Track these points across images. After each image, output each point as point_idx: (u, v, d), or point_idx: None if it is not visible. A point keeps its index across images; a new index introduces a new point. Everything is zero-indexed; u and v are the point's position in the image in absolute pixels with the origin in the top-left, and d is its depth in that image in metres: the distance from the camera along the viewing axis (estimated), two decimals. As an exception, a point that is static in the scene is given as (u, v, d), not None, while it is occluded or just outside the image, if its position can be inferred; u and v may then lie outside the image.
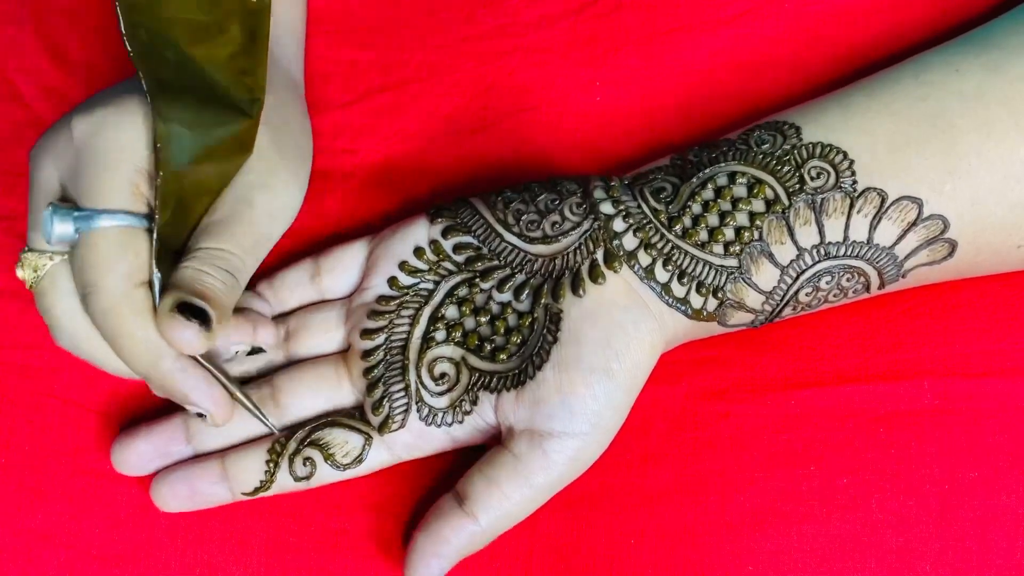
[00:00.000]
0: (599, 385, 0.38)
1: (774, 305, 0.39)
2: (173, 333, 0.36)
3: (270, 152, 0.40)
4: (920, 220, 0.38)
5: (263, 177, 0.40)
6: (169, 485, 0.41)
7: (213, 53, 0.39)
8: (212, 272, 0.37)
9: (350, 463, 0.41)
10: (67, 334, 0.39)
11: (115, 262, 0.37)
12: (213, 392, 0.39)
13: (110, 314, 0.37)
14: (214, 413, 0.39)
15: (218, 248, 0.38)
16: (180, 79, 0.38)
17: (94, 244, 0.37)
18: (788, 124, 0.40)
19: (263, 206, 0.40)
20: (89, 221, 0.37)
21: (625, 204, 0.40)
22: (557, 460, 0.38)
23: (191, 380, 0.38)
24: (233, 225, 0.39)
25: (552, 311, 0.39)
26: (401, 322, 0.41)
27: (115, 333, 0.37)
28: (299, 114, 0.45)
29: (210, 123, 0.38)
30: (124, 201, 0.37)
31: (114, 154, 0.37)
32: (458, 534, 0.38)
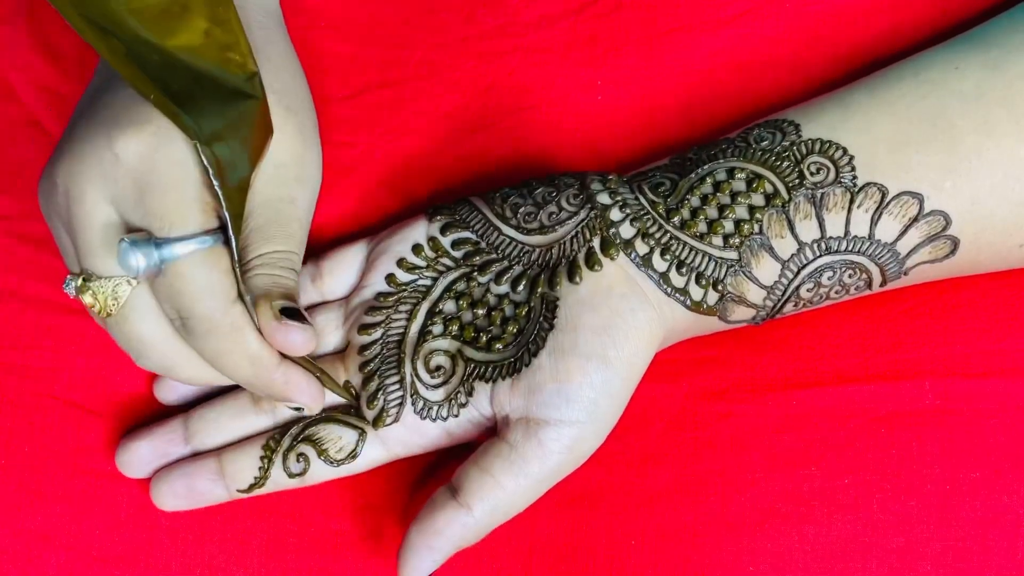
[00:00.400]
0: (596, 372, 0.38)
1: (775, 300, 0.39)
2: (288, 338, 0.37)
3: (295, 139, 0.40)
4: (921, 216, 0.38)
5: (295, 170, 0.40)
6: (167, 483, 0.41)
7: (189, 40, 0.37)
8: (284, 274, 0.38)
9: (344, 459, 0.40)
10: (156, 356, 0.39)
11: (208, 285, 0.36)
12: (311, 388, 0.39)
13: (212, 336, 0.37)
14: (311, 405, 0.40)
15: (279, 250, 0.38)
16: (181, 82, 0.37)
17: (183, 273, 0.36)
18: (787, 122, 0.40)
19: (304, 200, 0.40)
20: (172, 250, 0.36)
21: (622, 195, 0.40)
22: (553, 449, 0.38)
23: (293, 381, 0.39)
24: (283, 225, 0.39)
25: (548, 299, 0.39)
26: (398, 317, 0.41)
27: (219, 352, 0.37)
28: (291, 58, 0.43)
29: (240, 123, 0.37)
30: (198, 222, 0.36)
31: (175, 174, 0.36)
32: (451, 525, 0.38)
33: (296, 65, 0.43)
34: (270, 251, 0.38)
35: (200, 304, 0.36)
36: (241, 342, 0.37)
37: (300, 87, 0.43)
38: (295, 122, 0.40)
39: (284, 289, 0.38)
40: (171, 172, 0.36)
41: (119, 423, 0.44)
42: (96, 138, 0.37)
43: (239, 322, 0.37)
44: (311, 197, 0.41)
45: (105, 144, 0.37)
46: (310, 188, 0.41)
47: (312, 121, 0.42)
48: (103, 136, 0.37)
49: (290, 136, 0.40)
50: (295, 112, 0.41)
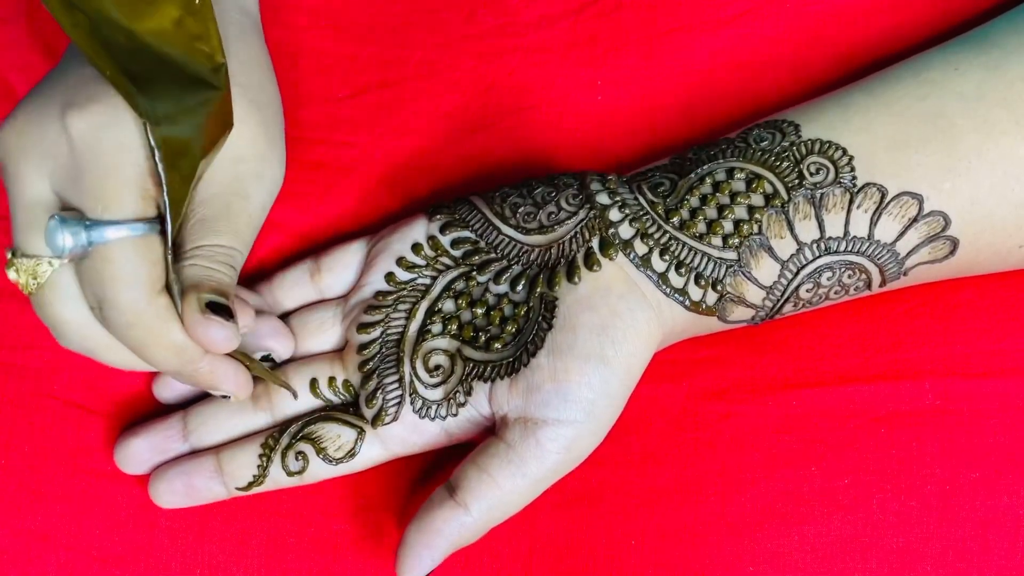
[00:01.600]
0: (594, 372, 0.38)
1: (774, 300, 0.39)
2: (208, 334, 0.36)
3: (258, 134, 0.40)
4: (921, 216, 0.38)
5: (254, 166, 0.39)
6: (166, 481, 0.41)
7: (159, 24, 0.36)
8: (220, 268, 0.37)
9: (342, 457, 0.40)
10: (76, 339, 0.38)
11: (134, 274, 0.35)
12: (239, 377, 0.39)
13: (134, 327, 0.36)
14: (238, 394, 0.39)
15: (221, 245, 0.38)
16: (143, 64, 0.36)
17: (109, 258, 0.35)
18: (787, 122, 0.40)
19: (258, 197, 0.39)
20: (102, 233, 0.35)
21: (622, 195, 0.40)
22: (550, 449, 0.38)
23: (219, 370, 0.38)
24: (231, 220, 0.38)
25: (547, 299, 0.39)
26: (397, 316, 0.41)
27: (141, 343, 0.36)
28: (263, 58, 0.43)
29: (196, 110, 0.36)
30: (134, 208, 0.35)
31: (119, 156, 0.35)
32: (449, 525, 0.38)
33: (267, 65, 0.43)
34: (212, 244, 0.37)
35: (122, 293, 0.35)
36: (164, 334, 0.36)
37: (269, 86, 0.42)
38: (259, 118, 0.40)
39: (217, 284, 0.37)
40: (115, 153, 0.35)
41: (118, 422, 0.44)
42: (45, 112, 0.36)
43: (163, 314, 0.36)
44: (267, 196, 0.40)
45: (54, 118, 0.36)
46: (267, 187, 0.40)
47: (278, 121, 0.42)
48: (53, 110, 0.36)
49: (253, 131, 0.39)
50: (260, 108, 0.40)
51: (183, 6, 0.36)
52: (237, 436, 0.42)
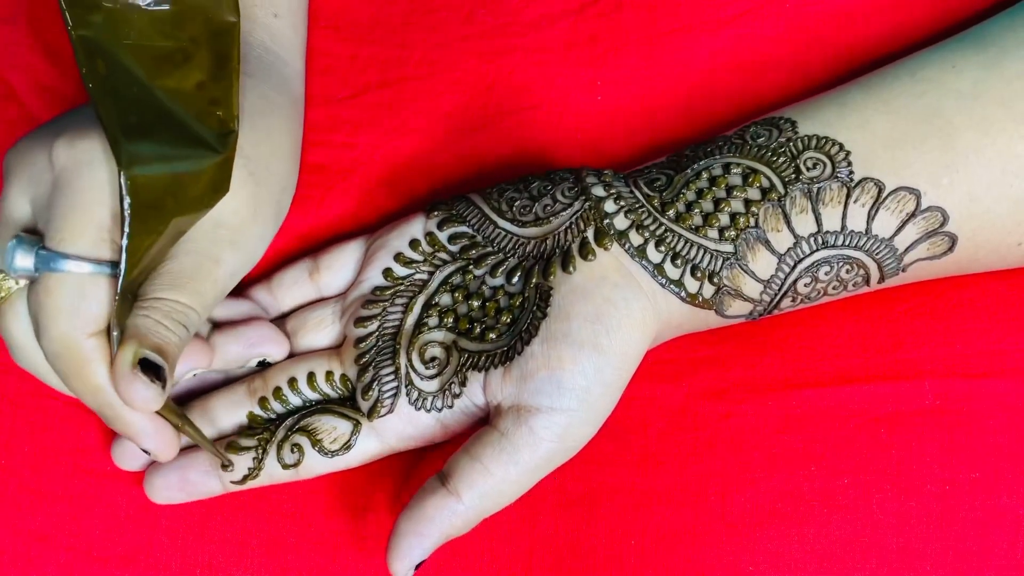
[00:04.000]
0: (588, 360, 0.38)
1: (772, 295, 0.39)
2: (130, 391, 0.35)
3: (245, 207, 0.39)
4: (919, 211, 0.38)
5: (234, 234, 0.39)
6: (161, 475, 0.41)
7: (179, 84, 0.37)
8: (171, 326, 0.36)
9: (338, 449, 0.40)
10: (23, 359, 0.39)
11: (68, 310, 0.35)
12: (161, 435, 0.38)
13: (60, 359, 0.36)
14: (159, 454, 0.38)
15: (178, 302, 0.37)
16: (145, 116, 0.36)
17: (51, 288, 0.36)
18: (784, 119, 0.40)
19: (228, 265, 0.39)
20: (50, 263, 0.35)
21: (617, 188, 0.40)
22: (543, 437, 0.37)
23: (138, 425, 0.37)
24: (197, 281, 0.38)
25: (543, 288, 0.39)
26: (395, 310, 0.41)
27: (65, 375, 0.36)
28: (283, 139, 0.43)
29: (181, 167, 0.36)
30: (90, 247, 0.36)
31: (90, 194, 0.36)
32: (440, 513, 0.37)
33: (287, 146, 0.43)
34: (169, 299, 0.37)
35: (55, 325, 0.35)
36: (88, 374, 0.36)
37: (280, 165, 0.42)
38: (252, 191, 0.39)
39: (160, 341, 0.36)
40: (87, 191, 0.36)
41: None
42: (43, 140, 0.37)
43: (89, 354, 0.36)
44: (239, 267, 0.39)
45: (45, 146, 0.37)
46: (242, 258, 0.39)
47: (276, 200, 0.41)
48: (48, 138, 0.37)
49: (241, 201, 0.39)
50: (258, 182, 0.40)
51: (209, 73, 0.37)
52: (234, 430, 0.42)
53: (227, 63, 0.38)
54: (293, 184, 0.44)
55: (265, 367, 0.42)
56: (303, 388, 0.42)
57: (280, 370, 0.42)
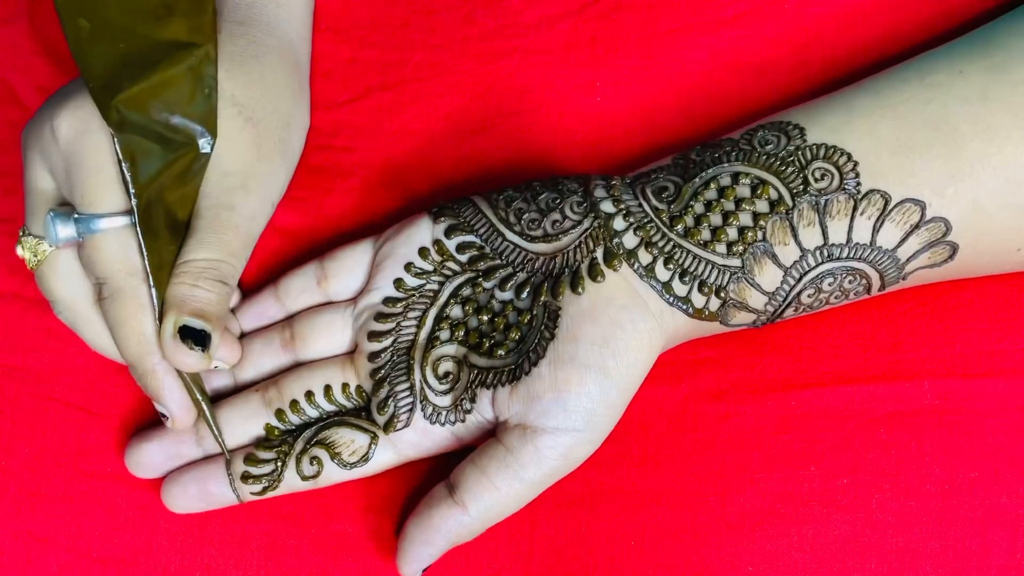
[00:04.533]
0: (594, 383, 0.38)
1: (776, 306, 0.39)
2: (177, 358, 0.39)
3: (248, 152, 0.41)
4: (923, 223, 0.38)
5: (241, 179, 0.41)
6: (180, 486, 0.41)
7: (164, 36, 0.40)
8: (206, 286, 0.40)
9: (356, 462, 0.41)
10: (67, 313, 0.42)
11: (121, 259, 0.39)
12: (182, 399, 0.41)
13: (115, 304, 0.39)
14: (177, 418, 0.41)
15: (207, 258, 0.40)
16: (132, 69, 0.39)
17: (99, 246, 0.39)
18: (792, 125, 0.40)
19: (244, 209, 0.41)
20: (89, 225, 0.39)
21: (626, 203, 0.40)
22: (548, 456, 0.38)
23: (168, 382, 0.40)
24: (218, 231, 0.40)
25: (551, 308, 0.39)
26: (408, 324, 0.41)
27: (117, 322, 0.39)
28: (280, 79, 0.44)
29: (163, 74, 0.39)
30: (116, 202, 0.39)
31: (99, 158, 0.39)
32: (447, 522, 0.39)
33: (285, 85, 0.44)
34: (198, 258, 0.40)
35: (112, 274, 0.39)
36: (138, 319, 0.39)
37: (282, 104, 0.44)
38: (252, 133, 0.42)
39: (199, 304, 0.39)
40: (95, 155, 0.39)
41: (120, 425, 0.44)
42: (46, 113, 0.40)
43: (143, 300, 0.39)
44: (257, 208, 0.42)
45: (47, 120, 0.40)
46: (257, 199, 0.42)
47: (280, 138, 0.43)
48: (48, 113, 0.40)
49: (242, 146, 0.41)
50: (256, 124, 0.42)
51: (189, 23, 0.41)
52: (250, 441, 0.42)
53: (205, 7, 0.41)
54: (301, 121, 0.45)
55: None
56: (320, 401, 0.42)
57: (295, 381, 0.42)
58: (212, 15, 0.41)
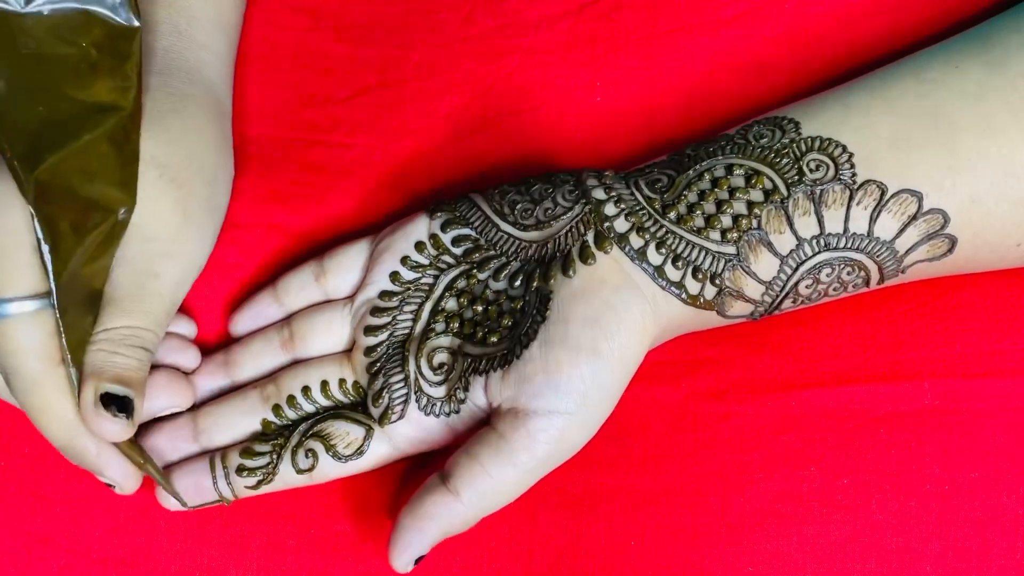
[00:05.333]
0: (586, 364, 0.38)
1: (773, 296, 0.39)
2: (99, 427, 0.37)
3: (172, 216, 0.40)
4: (920, 214, 0.38)
5: (166, 245, 0.40)
6: (175, 481, 0.41)
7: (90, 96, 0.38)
8: (126, 353, 0.38)
9: (351, 455, 0.41)
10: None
11: (31, 346, 0.37)
12: (124, 467, 0.39)
13: (30, 394, 0.38)
14: (123, 486, 0.40)
15: (128, 326, 0.39)
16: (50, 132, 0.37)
17: (6, 332, 0.37)
18: (787, 119, 0.40)
19: (169, 276, 0.40)
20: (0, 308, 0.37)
21: (617, 191, 0.40)
22: (541, 439, 0.38)
23: (104, 457, 0.39)
24: (141, 299, 0.39)
25: (543, 292, 0.39)
26: (404, 318, 0.41)
27: (36, 410, 0.38)
28: (213, 147, 0.43)
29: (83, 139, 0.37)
30: (28, 285, 0.38)
31: (9, 238, 0.38)
32: (440, 511, 0.38)
33: (210, 139, 0.43)
34: (119, 326, 0.38)
35: (22, 363, 0.38)
36: (57, 406, 0.38)
37: (207, 158, 0.42)
38: (176, 196, 0.40)
39: (119, 370, 0.38)
40: (5, 238, 0.38)
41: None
42: None
43: (61, 384, 0.38)
44: (182, 274, 0.40)
45: None
46: (182, 265, 0.40)
47: (207, 197, 0.42)
48: None
49: (165, 210, 0.40)
50: (180, 186, 0.40)
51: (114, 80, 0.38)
52: (247, 435, 0.42)
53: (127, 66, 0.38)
54: (226, 175, 0.44)
55: None
56: (317, 396, 0.42)
57: (293, 377, 0.42)
58: (137, 73, 0.38)
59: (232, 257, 0.45)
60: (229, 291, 0.45)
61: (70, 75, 0.37)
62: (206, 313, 0.45)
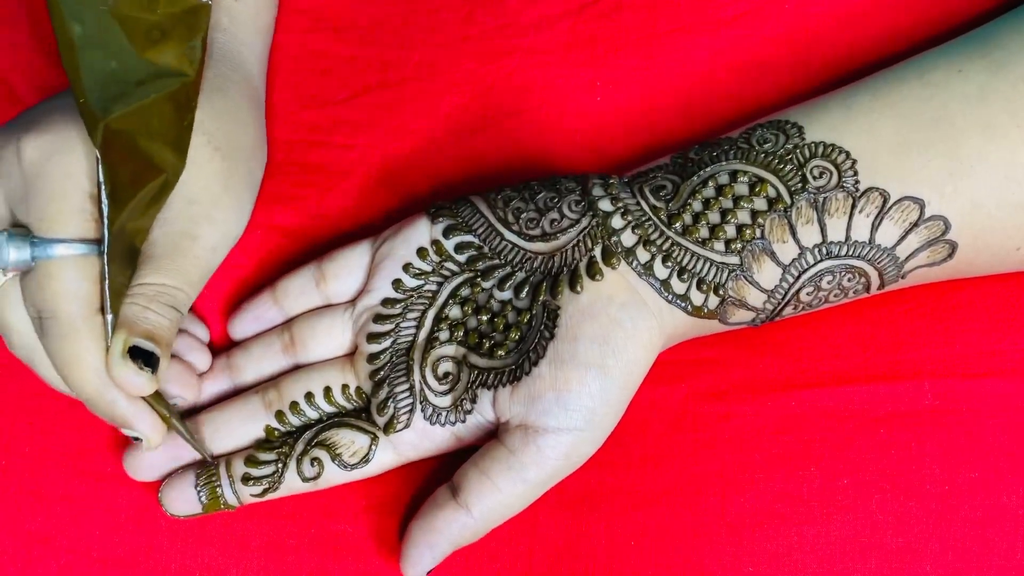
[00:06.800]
0: (594, 381, 0.38)
1: (775, 304, 0.39)
2: (124, 378, 0.37)
3: (215, 182, 0.41)
4: (922, 221, 0.38)
5: (207, 209, 0.40)
6: (178, 489, 0.41)
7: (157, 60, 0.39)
8: (158, 310, 0.38)
9: (357, 463, 0.41)
10: (19, 346, 0.40)
11: (73, 290, 0.37)
12: (152, 420, 0.39)
13: (66, 340, 0.38)
14: (151, 438, 0.39)
15: (163, 284, 0.39)
16: (118, 87, 0.38)
17: (51, 273, 0.37)
18: (791, 123, 0.40)
19: (207, 239, 0.40)
20: (46, 249, 0.37)
21: (624, 201, 0.40)
22: (550, 456, 0.38)
23: (133, 408, 0.39)
24: (178, 259, 0.39)
25: (550, 307, 0.39)
26: (407, 325, 0.41)
27: (68, 359, 0.38)
28: (244, 114, 0.44)
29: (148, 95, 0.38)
30: (77, 229, 0.38)
31: (65, 181, 0.38)
32: (451, 525, 0.39)
33: (249, 121, 0.44)
34: (153, 283, 0.39)
35: (62, 306, 0.37)
36: (93, 353, 0.38)
37: (244, 137, 0.43)
38: (220, 165, 0.41)
39: (149, 326, 0.38)
40: (61, 180, 0.38)
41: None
42: (7, 137, 0.39)
43: (96, 333, 0.38)
44: (219, 239, 0.41)
45: (11, 143, 0.38)
46: (220, 231, 0.41)
47: (245, 172, 0.43)
48: (13, 136, 0.39)
49: (209, 176, 0.40)
50: (225, 156, 0.41)
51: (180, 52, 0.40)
52: (250, 443, 0.42)
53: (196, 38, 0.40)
54: (262, 157, 0.45)
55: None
56: (320, 402, 0.42)
57: (295, 383, 0.42)
58: (203, 46, 0.40)
59: (232, 258, 0.45)
60: (229, 292, 0.45)
61: (143, 38, 0.39)
62: (206, 314, 0.45)
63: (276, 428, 0.42)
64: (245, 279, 0.45)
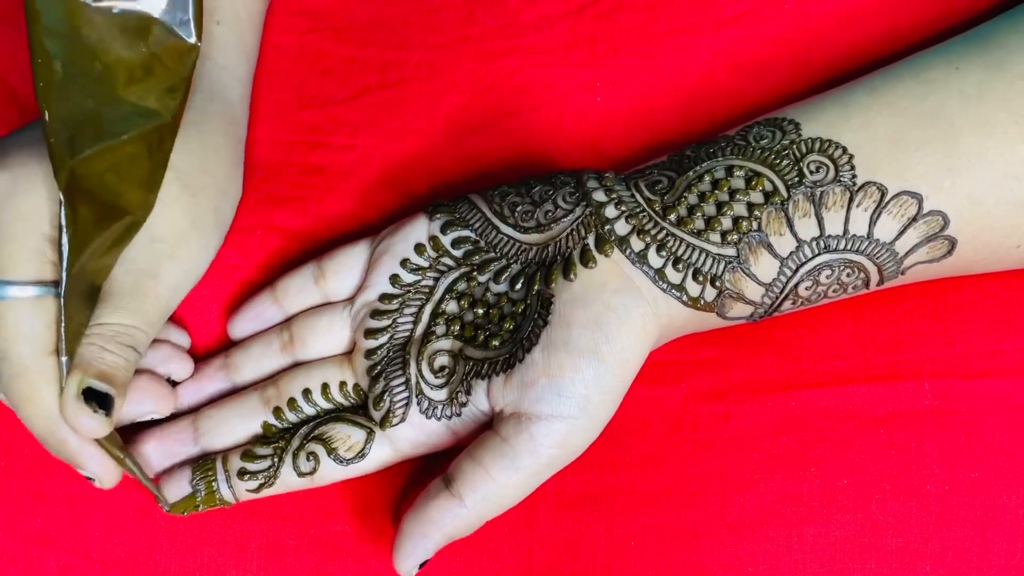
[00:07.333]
0: (588, 368, 0.38)
1: (773, 298, 0.39)
2: (77, 421, 0.37)
3: (182, 220, 0.40)
4: (920, 216, 0.38)
5: (171, 247, 0.40)
6: (175, 484, 0.41)
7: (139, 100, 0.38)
8: (116, 350, 0.38)
9: (353, 458, 0.41)
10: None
11: (26, 332, 0.37)
12: (102, 460, 0.39)
13: (17, 380, 0.38)
14: (103, 479, 0.40)
15: (121, 323, 0.39)
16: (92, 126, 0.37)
17: (3, 314, 0.37)
18: (787, 120, 0.40)
19: (169, 279, 0.40)
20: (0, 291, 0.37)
21: (618, 192, 0.40)
22: (544, 443, 0.38)
23: (83, 448, 0.39)
24: (139, 298, 0.39)
25: (544, 296, 0.39)
26: (404, 320, 0.41)
27: (18, 399, 0.38)
28: (220, 147, 0.43)
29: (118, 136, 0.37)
30: (31, 271, 0.38)
31: (21, 223, 0.38)
32: (444, 515, 0.38)
33: (224, 154, 0.43)
34: (111, 322, 0.38)
35: (13, 348, 0.37)
36: (43, 395, 0.38)
37: (217, 171, 0.42)
38: (187, 203, 0.40)
39: (105, 367, 0.38)
40: (15, 222, 0.38)
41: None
42: None
43: (47, 375, 0.38)
44: (181, 279, 0.41)
45: None
46: (183, 269, 0.41)
47: (216, 208, 0.42)
48: None
49: (176, 213, 0.40)
50: (193, 193, 0.41)
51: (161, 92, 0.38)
52: (248, 438, 0.42)
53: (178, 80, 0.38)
54: (235, 191, 0.44)
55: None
56: (317, 399, 0.42)
57: (293, 380, 0.42)
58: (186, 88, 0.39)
59: (233, 259, 0.45)
60: (230, 293, 0.45)
61: (124, 76, 0.37)
62: (206, 315, 0.45)
63: (274, 425, 0.42)
64: (245, 279, 0.45)
